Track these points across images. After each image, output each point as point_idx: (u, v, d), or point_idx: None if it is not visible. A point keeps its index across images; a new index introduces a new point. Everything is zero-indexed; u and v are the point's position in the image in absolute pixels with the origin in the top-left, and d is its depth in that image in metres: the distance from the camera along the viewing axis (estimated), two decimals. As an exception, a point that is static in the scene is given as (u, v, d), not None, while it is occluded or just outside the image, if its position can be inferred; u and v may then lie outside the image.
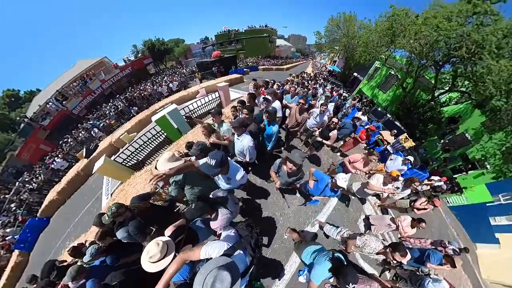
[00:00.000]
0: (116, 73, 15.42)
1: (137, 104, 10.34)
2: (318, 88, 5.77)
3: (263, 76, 11.91)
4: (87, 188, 6.16)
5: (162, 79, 13.26)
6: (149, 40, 25.56)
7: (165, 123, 4.32)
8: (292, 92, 3.57)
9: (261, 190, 2.99)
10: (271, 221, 2.62)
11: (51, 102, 12.89)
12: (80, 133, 9.83)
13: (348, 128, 3.40)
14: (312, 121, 3.13)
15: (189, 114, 5.02)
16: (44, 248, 5.42)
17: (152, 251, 1.12)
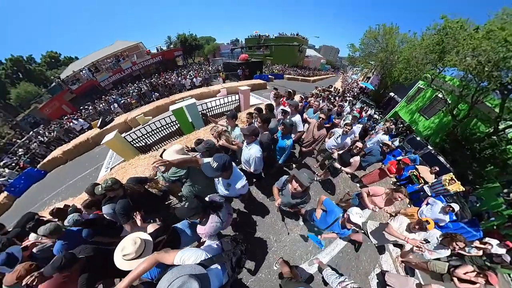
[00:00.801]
0: (147, 58, 17.52)
1: (159, 91, 11.42)
2: (345, 106, 5.45)
3: (287, 86, 12.30)
4: (91, 156, 6.68)
5: (187, 73, 14.53)
6: (183, 34, 29.05)
7: (181, 114, 4.63)
8: (315, 107, 3.53)
9: (261, 206, 2.88)
10: (263, 244, 2.42)
11: (84, 70, 14.94)
12: (101, 104, 11.05)
13: (375, 156, 2.96)
14: (333, 141, 3.02)
15: (206, 111, 5.31)
16: (31, 199, 5.88)
17: (128, 249, 1.11)
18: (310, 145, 2.95)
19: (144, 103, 11.01)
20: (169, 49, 22.95)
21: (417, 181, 3.87)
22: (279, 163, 2.57)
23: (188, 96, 7.21)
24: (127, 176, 3.15)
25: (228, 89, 8.25)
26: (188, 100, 4.99)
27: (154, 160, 1.18)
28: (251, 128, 1.89)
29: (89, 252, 1.48)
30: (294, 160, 3.74)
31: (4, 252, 1.80)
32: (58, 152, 7.24)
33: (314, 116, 3.38)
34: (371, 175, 3.36)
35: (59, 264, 1.24)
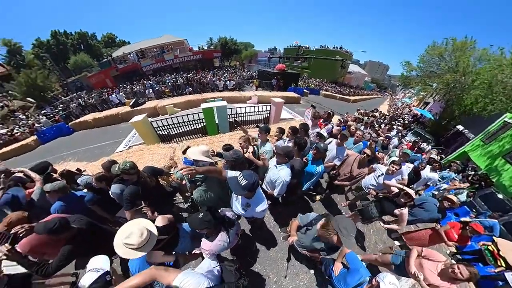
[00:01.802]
0: (188, 54, 20.27)
1: (193, 86, 12.78)
2: (392, 137, 4.68)
3: (322, 103, 12.25)
4: (115, 130, 7.78)
5: (222, 74, 15.92)
6: (224, 37, 33.03)
7: (210, 114, 5.00)
8: (357, 136, 3.25)
9: (268, 235, 2.73)
10: (259, 281, 2.23)
11: (132, 54, 18.32)
12: (138, 86, 12.85)
13: (429, 212, 2.35)
14: (372, 180, 2.69)
15: (234, 116, 5.63)
16: (52, 149, 7.25)
17: (133, 239, 1.12)
18: (344, 180, 2.75)
19: (176, 94, 12.54)
20: (210, 49, 26.24)
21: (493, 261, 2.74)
22: (302, 190, 2.47)
23: (219, 97, 7.87)
24: (142, 160, 3.59)
25: (259, 98, 8.68)
26: (219, 102, 5.44)
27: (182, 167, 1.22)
28: (287, 149, 1.91)
29: (82, 224, 1.55)
30: (320, 191, 3.55)
31: (9, 194, 1.96)
32: (89, 117, 8.91)
33: (355, 147, 3.19)
34: (419, 235, 2.67)
35: (52, 227, 1.31)
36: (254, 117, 6.05)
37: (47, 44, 26.02)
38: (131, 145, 5.89)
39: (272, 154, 2.50)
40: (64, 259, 1.39)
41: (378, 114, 8.62)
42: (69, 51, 26.79)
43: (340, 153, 2.70)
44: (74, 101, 12.73)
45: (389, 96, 34.52)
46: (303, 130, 2.79)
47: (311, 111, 4.11)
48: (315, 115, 3.39)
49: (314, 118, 3.36)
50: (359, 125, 4.79)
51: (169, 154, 3.69)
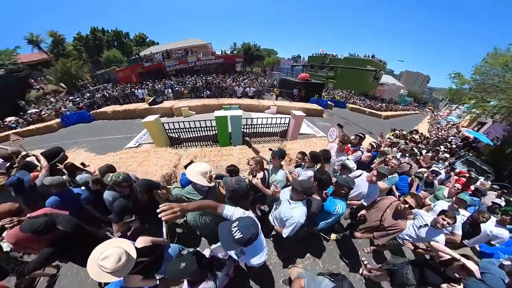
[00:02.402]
0: (210, 58, 21.73)
1: (211, 90, 13.28)
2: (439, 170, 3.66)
3: (349, 118, 11.46)
4: (130, 124, 8.28)
5: (242, 80, 16.38)
6: (248, 43, 34.45)
7: (223, 123, 4.98)
8: (393, 166, 2.71)
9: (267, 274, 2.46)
10: None
11: (158, 54, 20.48)
12: (159, 85, 13.95)
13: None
14: (410, 229, 2.17)
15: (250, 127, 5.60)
16: (71, 133, 8.26)
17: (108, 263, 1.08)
18: (370, 231, 2.24)
19: (194, 96, 13.23)
20: (232, 54, 27.47)
21: None
22: (317, 228, 2.15)
23: (236, 105, 7.94)
24: (147, 162, 3.70)
25: (278, 108, 8.56)
26: (234, 111, 5.44)
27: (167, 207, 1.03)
28: (306, 186, 1.67)
29: (68, 227, 1.58)
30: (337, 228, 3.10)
31: (16, 176, 2.18)
32: (109, 109, 9.83)
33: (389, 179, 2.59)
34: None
35: (37, 227, 1.37)
36: (271, 129, 5.91)
37: (85, 38, 30.25)
38: (141, 143, 6.24)
39: (285, 183, 2.29)
40: (42, 262, 1.45)
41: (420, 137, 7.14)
42: (103, 46, 30.92)
43: (372, 192, 2.31)
44: (99, 91, 14.31)
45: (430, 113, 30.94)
46: (325, 158, 2.51)
47: (337, 131, 3.75)
48: (343, 140, 2.96)
49: (341, 143, 2.96)
50: (394, 150, 4.16)
51: (174, 161, 3.74)
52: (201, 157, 3.88)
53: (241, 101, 9.19)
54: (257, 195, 2.41)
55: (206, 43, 24.00)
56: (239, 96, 12.02)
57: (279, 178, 2.27)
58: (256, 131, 5.81)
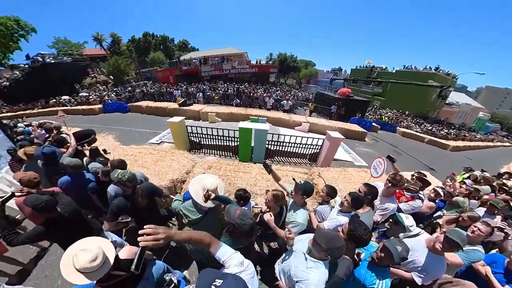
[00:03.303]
0: (245, 67, 23.46)
1: (241, 99, 13.92)
2: None
3: (400, 146, 9.97)
4: (158, 121, 9.27)
5: (274, 92, 16.77)
6: (284, 54, 35.56)
7: (247, 136, 4.94)
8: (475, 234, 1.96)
9: None
10: None
11: (196, 60, 23.77)
12: (192, 88, 15.89)
13: None
14: None
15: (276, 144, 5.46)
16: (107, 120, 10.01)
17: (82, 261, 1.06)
18: None
19: (223, 103, 14.14)
20: (267, 64, 28.82)
21: None
22: None
23: (264, 117, 7.91)
24: (161, 163, 3.94)
25: (311, 126, 8.18)
26: (261, 124, 5.39)
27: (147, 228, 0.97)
28: (335, 243, 1.29)
29: (66, 211, 1.75)
30: None
31: (53, 148, 2.76)
32: (144, 104, 11.65)
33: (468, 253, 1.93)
34: None
35: (38, 204, 1.54)
36: (300, 150, 5.58)
37: (137, 41, 37.78)
38: (163, 141, 6.91)
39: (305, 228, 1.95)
40: (32, 238, 1.65)
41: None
42: (151, 48, 37.82)
43: (433, 267, 1.72)
44: (140, 87, 17.18)
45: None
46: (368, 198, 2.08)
47: (384, 164, 3.16)
48: (395, 181, 2.26)
49: (391, 184, 2.28)
50: (473, 203, 3.08)
51: (188, 167, 3.87)
52: (215, 168, 3.88)
53: (270, 114, 9.16)
54: (268, 232, 2.13)
55: (243, 52, 26.30)
56: (268, 108, 12.05)
57: (298, 220, 1.94)
58: (282, 150, 5.58)
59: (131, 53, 34.98)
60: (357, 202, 1.97)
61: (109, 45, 33.82)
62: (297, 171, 3.99)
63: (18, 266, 2.55)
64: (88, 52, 30.16)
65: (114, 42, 34.04)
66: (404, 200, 2.58)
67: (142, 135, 7.76)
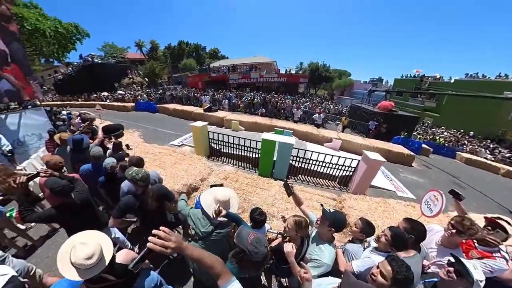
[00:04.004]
0: (273, 76, 24.27)
1: (267, 108, 14.09)
2: None
3: (461, 176, 8.35)
4: (183, 124, 10.18)
5: (303, 103, 16.35)
6: (316, 63, 35.38)
7: (269, 149, 4.81)
8: None
9: None
10: None
11: (225, 67, 26.15)
12: (219, 94, 17.32)
13: None
14: None
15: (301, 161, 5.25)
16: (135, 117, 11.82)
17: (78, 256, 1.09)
18: None
19: (249, 112, 14.59)
20: (297, 73, 29.44)
21: None
22: None
23: (290, 130, 7.67)
24: (178, 166, 4.21)
25: (344, 143, 7.62)
26: (287, 137, 5.20)
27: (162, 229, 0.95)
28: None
29: (78, 198, 1.93)
30: None
31: (82, 136, 3.30)
32: (172, 106, 13.10)
33: None
34: None
35: (55, 187, 1.76)
36: (329, 171, 5.17)
37: (172, 48, 43.64)
38: (184, 144, 7.41)
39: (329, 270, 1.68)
40: (43, 218, 1.86)
41: None
42: (184, 55, 43.19)
43: None
44: (170, 90, 19.85)
45: None
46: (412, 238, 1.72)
47: (442, 200, 2.62)
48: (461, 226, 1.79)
49: (456, 231, 1.81)
50: None
51: (204, 174, 3.97)
52: (232, 180, 3.87)
53: (297, 127, 8.86)
54: (281, 266, 1.90)
55: (272, 61, 27.47)
56: (296, 120, 11.74)
57: (322, 259, 1.66)
58: (307, 168, 5.25)
59: (166, 59, 40.37)
60: (400, 240, 1.66)
61: (148, 50, 39.90)
62: (323, 195, 3.67)
63: (28, 241, 2.91)
64: (129, 55, 36.86)
65: (152, 48, 40.18)
66: (476, 256, 1.99)
67: (166, 136, 8.57)
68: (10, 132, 4.96)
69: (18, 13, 12.13)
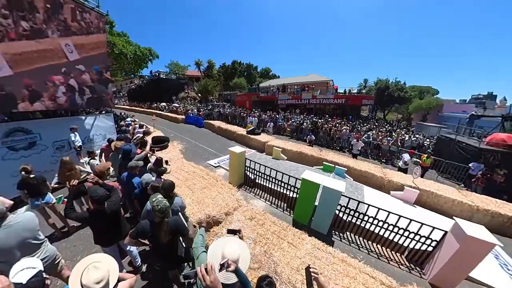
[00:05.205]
0: (328, 97, 23.07)
1: (317, 135, 13.12)
2: None
3: None
4: (225, 143, 11.51)
5: (366, 131, 14.47)
6: (385, 80, 31.74)
7: (310, 191, 4.29)
8: None
9: None
10: None
11: (274, 87, 28.35)
12: (265, 115, 18.12)
13: None
14: None
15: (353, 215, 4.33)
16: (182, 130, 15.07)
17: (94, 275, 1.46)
18: None
19: (295, 137, 14.32)
20: (359, 94, 28.09)
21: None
22: None
23: (343, 167, 6.59)
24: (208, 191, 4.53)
25: (423, 196, 5.77)
26: (336, 179, 4.59)
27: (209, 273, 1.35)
28: None
29: (109, 208, 2.50)
30: None
31: (131, 146, 4.13)
32: (217, 124, 14.75)
33: None
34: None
35: (94, 195, 2.35)
36: (392, 236, 4.03)
37: (226, 67, 51.18)
38: (221, 166, 7.95)
39: None
40: (79, 218, 2.53)
41: None
42: (236, 74, 49.70)
43: None
44: (218, 107, 23.37)
45: None
46: None
47: None
48: None
49: None
50: None
51: (231, 207, 3.99)
52: (257, 223, 3.59)
53: (354, 163, 7.45)
54: None
55: (327, 80, 27.09)
56: (354, 154, 10.06)
57: None
58: (360, 225, 4.28)
59: (219, 77, 47.88)
60: None
61: (205, 69, 49.21)
62: (376, 277, 2.76)
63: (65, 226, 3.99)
64: (188, 73, 49.81)
65: (208, 67, 49.44)
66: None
67: (205, 153, 9.75)
68: (85, 131, 7.28)
69: (111, 40, 17.20)
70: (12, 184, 4.57)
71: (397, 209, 4.19)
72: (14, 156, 5.33)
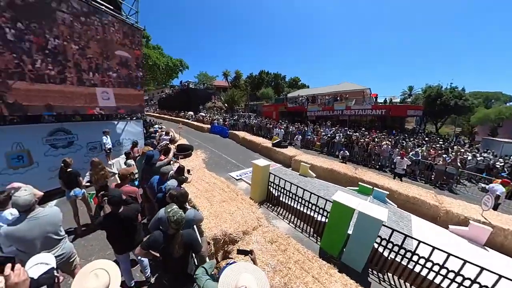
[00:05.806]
0: (365, 107, 21.20)
1: (352, 151, 12.08)
2: None
3: None
4: (248, 154, 11.78)
5: (413, 147, 12.87)
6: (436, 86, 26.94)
7: (342, 216, 3.89)
8: None
9: None
10: None
11: (303, 97, 28.19)
12: (292, 127, 18.05)
13: None
14: None
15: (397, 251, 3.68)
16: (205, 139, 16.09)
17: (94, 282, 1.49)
18: None
19: (326, 152, 13.67)
20: (403, 103, 25.70)
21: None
22: None
23: (384, 191, 5.82)
24: (227, 205, 4.44)
25: (498, 236, 4.62)
26: (375, 204, 4.03)
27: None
28: None
29: (124, 214, 2.67)
30: None
31: (153, 153, 4.47)
32: (242, 134, 15.28)
33: None
34: None
35: (111, 197, 2.59)
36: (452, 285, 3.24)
37: (253, 77, 52.93)
38: (243, 179, 8.00)
39: None
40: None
41: None
42: (263, 84, 51.02)
43: None
44: (244, 118, 23.88)
45: None
46: None
47: None
48: None
49: None
50: None
51: (250, 225, 3.84)
52: (279, 248, 3.32)
53: (398, 186, 6.50)
54: None
55: (363, 89, 25.47)
56: (399, 174, 8.79)
57: None
58: (406, 265, 3.63)
59: (246, 87, 49.49)
60: None
61: (232, 79, 52.36)
62: None
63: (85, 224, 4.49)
64: (216, 83, 51.13)
65: (236, 77, 52.50)
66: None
67: (227, 164, 9.86)
68: (116, 135, 8.28)
69: (146, 53, 19.24)
70: (48, 178, 5.75)
71: (460, 251, 3.49)
72: (54, 153, 6.23)
